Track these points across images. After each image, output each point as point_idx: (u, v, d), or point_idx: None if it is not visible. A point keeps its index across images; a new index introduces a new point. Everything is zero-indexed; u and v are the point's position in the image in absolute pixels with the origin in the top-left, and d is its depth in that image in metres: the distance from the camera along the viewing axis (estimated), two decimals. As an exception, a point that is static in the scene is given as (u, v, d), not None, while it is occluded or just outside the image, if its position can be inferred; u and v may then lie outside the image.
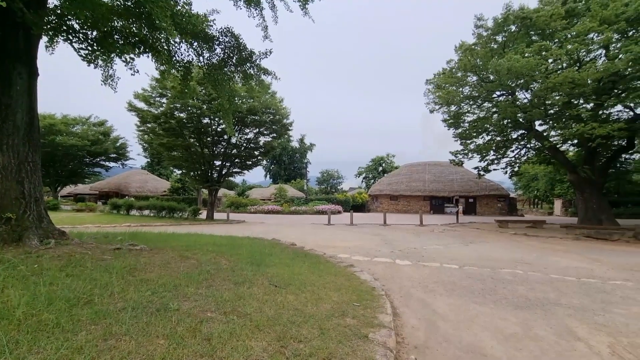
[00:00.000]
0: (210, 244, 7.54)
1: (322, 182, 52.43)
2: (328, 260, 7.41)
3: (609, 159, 17.83)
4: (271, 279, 5.07)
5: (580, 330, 4.04)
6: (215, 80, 7.08)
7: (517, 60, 13.44)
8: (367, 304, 4.43)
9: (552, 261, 8.62)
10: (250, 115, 18.24)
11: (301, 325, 3.45)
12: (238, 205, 30.85)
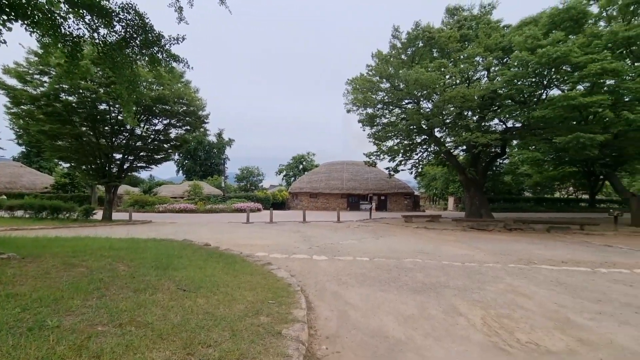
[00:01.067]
0: (106, 248, 6.59)
1: (242, 179, 50.67)
2: (245, 259, 7.20)
3: (488, 163, 21.49)
4: (179, 283, 4.69)
5: (462, 307, 4.74)
6: (114, 62, 6.19)
7: (422, 74, 15.16)
8: (282, 300, 4.44)
9: (445, 250, 9.96)
10: (159, 105, 16.48)
11: (211, 329, 3.27)
12: (144, 204, 27.73)
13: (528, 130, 16.52)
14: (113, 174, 18.18)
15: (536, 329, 4.01)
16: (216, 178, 44.45)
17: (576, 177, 30.52)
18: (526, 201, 32.29)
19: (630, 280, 6.37)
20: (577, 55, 12.55)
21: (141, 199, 28.39)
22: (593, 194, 30.83)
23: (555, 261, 8.23)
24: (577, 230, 14.73)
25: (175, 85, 16.99)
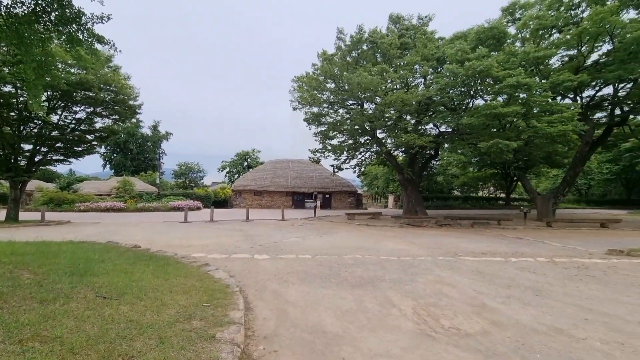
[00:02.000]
0: (5, 254, 5.66)
1: (180, 175, 47.26)
2: (179, 261, 6.75)
3: (424, 164, 23.17)
4: (99, 290, 4.22)
5: (395, 299, 5.02)
6: (22, 38, 5.31)
7: (365, 77, 15.73)
8: (218, 302, 4.25)
9: (384, 245, 10.48)
10: (81, 90, 14.62)
11: (135, 338, 2.99)
12: (60, 202, 24.44)
13: (457, 135, 18.15)
14: (20, 168, 15.67)
15: (458, 315, 4.40)
16: (151, 174, 40.97)
17: (495, 178, 34.53)
18: (455, 199, 35.59)
19: (533, 267, 7.36)
20: (497, 70, 14.13)
21: (57, 197, 24.95)
22: (509, 193, 35.16)
23: (477, 253, 9.17)
24: (495, 225, 16.65)
25: (102, 70, 15.23)
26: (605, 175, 36.72)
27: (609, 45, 16.19)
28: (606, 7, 14.54)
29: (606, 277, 6.53)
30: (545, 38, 18.21)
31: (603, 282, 6.14)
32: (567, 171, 20.30)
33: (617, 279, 6.38)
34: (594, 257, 8.65)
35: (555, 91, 16.57)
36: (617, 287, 5.81)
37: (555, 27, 17.17)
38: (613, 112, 19.23)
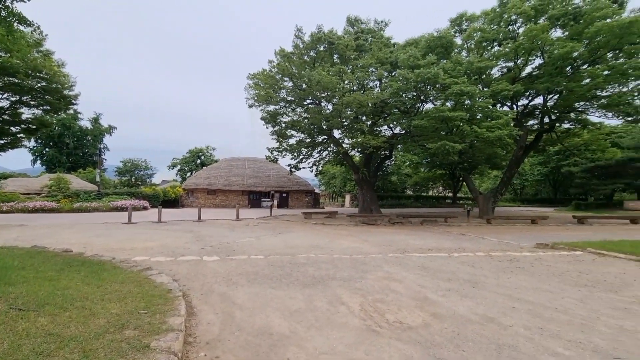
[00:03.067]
0: None
1: (125, 173, 43.57)
2: (117, 266, 6.23)
3: (379, 164, 23.96)
4: (15, 301, 3.74)
5: (344, 296, 5.09)
6: None
7: (325, 76, 15.85)
8: (157, 309, 3.97)
9: (338, 244, 10.63)
10: (3, 76, 12.91)
11: (53, 353, 2.69)
12: (-22, 201, 21.45)
13: (409, 137, 19.04)
14: None
15: (402, 309, 4.58)
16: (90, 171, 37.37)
17: (444, 178, 36.81)
18: (408, 198, 37.32)
19: (473, 261, 7.93)
20: (444, 77, 15.05)
21: (-26, 196, 21.82)
22: (455, 192, 37.72)
23: (424, 249, 9.67)
24: (443, 223, 17.72)
25: (31, 55, 13.58)
26: (537, 177, 40.90)
27: (540, 59, 17.99)
28: (538, 25, 16.14)
29: (533, 268, 7.24)
30: (488, 50, 19.75)
31: (530, 273, 6.79)
32: (505, 172, 22.26)
33: (542, 270, 7.10)
34: (524, 251, 9.55)
35: (495, 99, 18.06)
36: (541, 277, 6.46)
37: (496, 40, 18.70)
38: (543, 120, 21.47)
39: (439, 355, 3.31)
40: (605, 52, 16.36)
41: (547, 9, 17.02)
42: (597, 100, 18.45)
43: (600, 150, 26.83)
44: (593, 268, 7.27)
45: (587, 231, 14.47)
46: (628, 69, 15.54)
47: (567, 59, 16.22)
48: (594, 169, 29.34)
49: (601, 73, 15.85)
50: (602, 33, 14.97)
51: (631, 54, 15.81)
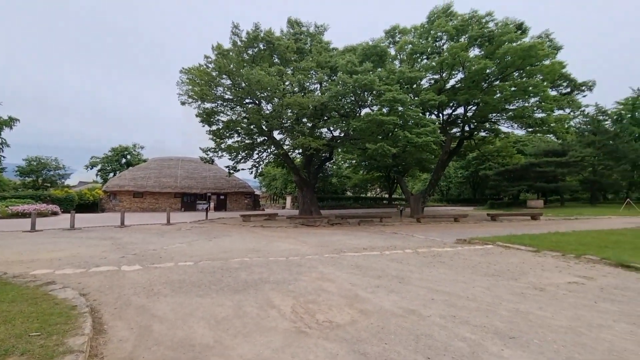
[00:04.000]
0: None
1: (29, 173, 37.26)
2: (8, 282, 5.30)
3: (319, 166, 24.33)
4: None
5: (276, 300, 5.00)
6: None
7: (264, 76, 15.58)
8: (54, 329, 3.45)
9: (276, 246, 10.48)
10: None
11: None
12: None
13: (348, 140, 19.70)
14: None
15: (333, 308, 4.65)
16: (-16, 171, 31.54)
17: (381, 180, 38.89)
18: (347, 199, 38.61)
19: (401, 258, 8.44)
20: (379, 85, 15.90)
21: None
22: (391, 193, 40.09)
23: (359, 248, 10.02)
24: (378, 222, 18.64)
25: None
26: (459, 179, 45.51)
27: (462, 74, 20.06)
28: (459, 43, 17.99)
29: (452, 262, 7.96)
30: (418, 62, 21.41)
31: (449, 266, 7.45)
32: (432, 175, 24.30)
33: (459, 263, 7.84)
34: (446, 246, 10.47)
35: (424, 107, 19.63)
36: (458, 269, 7.13)
37: (424, 53, 20.36)
38: (464, 128, 23.94)
39: (362, 350, 3.41)
40: (512, 71, 18.86)
41: (467, 30, 19.06)
42: (506, 113, 21.16)
43: (509, 156, 30.88)
44: (500, 259, 8.26)
45: (498, 227, 16.44)
46: (528, 86, 18.13)
47: (482, 74, 18.34)
48: (504, 173, 33.63)
49: (509, 89, 18.25)
50: (509, 54, 17.23)
51: (531, 74, 18.49)
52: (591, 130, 33.02)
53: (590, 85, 21.08)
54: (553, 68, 17.99)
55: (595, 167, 32.27)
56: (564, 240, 10.61)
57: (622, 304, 4.90)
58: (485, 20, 19.00)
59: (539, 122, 20.13)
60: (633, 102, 34.54)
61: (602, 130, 32.47)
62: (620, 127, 32.94)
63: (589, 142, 31.95)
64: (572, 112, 22.61)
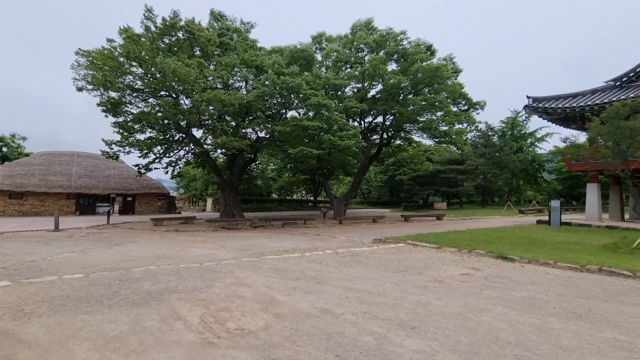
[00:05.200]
0: None
1: None
2: None
3: (243, 167, 23.50)
4: None
5: (183, 310, 4.55)
6: None
7: (182, 67, 14.37)
8: None
9: (190, 252, 9.68)
10: None
11: None
12: None
13: (273, 142, 19.48)
14: None
15: (246, 314, 4.42)
16: None
17: (306, 183, 39.45)
18: (272, 202, 38.18)
19: (321, 259, 8.58)
20: (306, 89, 16.12)
21: None
22: (316, 195, 40.96)
23: (280, 251, 9.89)
24: (302, 225, 18.78)
25: None
26: (379, 183, 48.96)
27: (381, 85, 21.60)
28: (378, 56, 19.37)
29: (367, 260, 8.39)
30: (342, 70, 22.38)
31: (364, 264, 7.84)
32: (355, 179, 25.59)
33: (374, 261, 8.31)
34: (364, 246, 11.03)
35: (347, 114, 20.57)
36: (372, 267, 7.54)
37: (348, 62, 21.37)
38: (383, 136, 25.79)
39: (273, 355, 3.28)
40: (422, 87, 21.04)
41: (385, 45, 20.64)
42: (417, 124, 23.48)
43: (420, 163, 34.38)
44: (409, 256, 9.01)
45: (409, 227, 18.06)
46: (436, 102, 20.44)
47: (398, 88, 20.04)
48: (416, 178, 37.31)
49: (420, 103, 20.31)
50: (420, 72, 19.19)
51: (438, 91, 20.89)
52: (483, 143, 38.88)
53: (482, 105, 24.73)
54: (454, 87, 20.62)
55: (486, 174, 38.01)
56: (460, 237, 12.14)
57: (500, 290, 5.75)
58: (400, 38, 20.82)
59: (443, 133, 22.83)
60: (512, 122, 41.87)
61: (490, 143, 38.52)
62: (503, 141, 39.53)
63: (481, 153, 37.57)
64: (468, 126, 26.19)
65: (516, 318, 4.38)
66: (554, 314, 4.55)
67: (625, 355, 3.38)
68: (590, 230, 15.09)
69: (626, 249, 9.12)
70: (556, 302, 5.08)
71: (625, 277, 6.67)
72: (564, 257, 8.22)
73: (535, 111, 20.74)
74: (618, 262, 7.66)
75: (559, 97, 20.26)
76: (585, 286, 6.04)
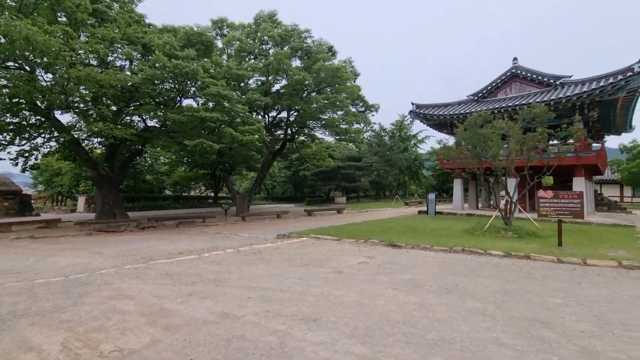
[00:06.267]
0: None
1: None
2: None
3: (127, 160, 20.36)
4: None
5: (37, 338, 3.59)
6: None
7: (38, 34, 11.40)
8: None
9: (52, 263, 7.84)
10: None
11: None
12: None
13: (166, 132, 17.40)
14: None
15: (127, 332, 3.75)
16: None
17: (206, 178, 36.86)
18: (166, 199, 34.35)
19: (222, 259, 8.05)
20: (204, 76, 14.87)
21: None
22: (217, 192, 38.66)
23: (174, 253, 8.89)
24: (201, 223, 17.41)
25: None
26: (283, 178, 49.31)
27: (286, 81, 21.58)
28: (283, 51, 19.28)
29: (271, 257, 8.26)
30: (246, 60, 21.53)
31: (267, 261, 7.68)
32: (258, 174, 25.08)
33: (277, 257, 8.23)
34: (267, 242, 10.85)
35: (251, 107, 19.90)
36: (276, 264, 7.44)
37: (252, 53, 20.67)
38: (287, 131, 25.93)
39: (160, 377, 2.84)
40: (325, 86, 21.89)
41: (290, 41, 20.71)
42: (320, 121, 24.42)
43: (322, 159, 35.93)
44: (312, 250, 9.25)
45: (312, 221, 18.66)
46: (337, 101, 21.56)
47: (302, 84, 20.38)
48: (319, 174, 38.93)
49: (322, 101, 21.12)
50: (323, 71, 19.93)
51: (339, 91, 22.07)
52: (377, 142, 43.08)
53: (377, 108, 27.24)
54: (353, 89, 22.14)
55: (379, 171, 42.25)
56: (357, 229, 13.13)
57: (390, 274, 6.37)
58: (304, 35, 21.21)
59: (343, 131, 24.35)
60: (399, 124, 47.61)
61: (383, 143, 42.98)
62: (393, 142, 44.61)
63: (375, 151, 41.60)
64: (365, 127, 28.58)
65: (403, 299, 4.89)
66: (431, 291, 5.25)
67: (480, 319, 4.12)
68: (456, 217, 18.31)
69: (480, 232, 11.34)
70: (433, 280, 5.90)
71: (479, 254, 8.25)
72: (438, 241, 9.70)
73: (417, 116, 24.01)
74: (475, 242, 9.44)
75: (436, 105, 23.92)
76: (453, 265, 7.22)
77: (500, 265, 7.16)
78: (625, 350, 3.32)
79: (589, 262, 7.26)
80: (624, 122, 21.72)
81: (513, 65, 21.47)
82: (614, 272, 6.58)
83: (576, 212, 9.53)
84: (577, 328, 3.85)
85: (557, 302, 4.74)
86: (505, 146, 13.36)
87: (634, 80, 15.25)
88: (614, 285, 5.65)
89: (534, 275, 6.28)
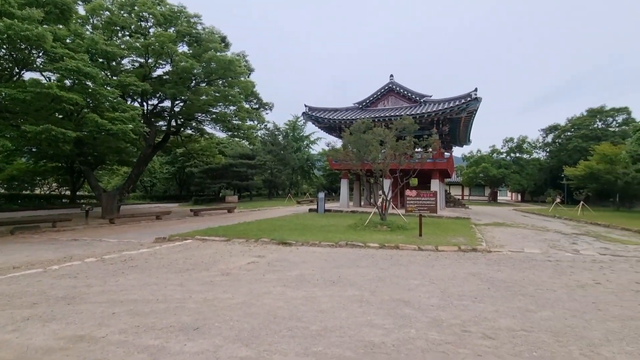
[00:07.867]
0: None
1: None
2: None
3: None
4: None
5: None
6: None
7: None
8: None
9: None
10: None
11: None
12: None
13: (-3, 112, 13.31)
14: None
15: None
16: None
17: (59, 173, 29.95)
18: (-3, 199, 26.37)
19: (78, 271, 6.61)
20: (56, 45, 12.00)
21: None
22: (75, 190, 31.85)
23: (4, 269, 6.86)
24: (49, 228, 13.99)
25: None
26: (166, 175, 44.28)
27: (170, 66, 19.34)
28: (167, 33, 17.22)
29: (146, 264, 7.24)
30: (119, 36, 18.40)
31: (141, 269, 6.70)
32: (133, 169, 21.78)
33: (154, 263, 7.27)
34: (142, 247, 9.49)
35: (124, 92, 17.10)
36: (152, 271, 6.55)
37: (126, 28, 17.79)
38: (170, 123, 23.33)
39: None
40: (216, 78, 20.56)
41: (176, 23, 18.68)
42: (210, 115, 22.86)
43: (212, 155, 33.79)
44: (196, 253, 8.53)
45: (199, 222, 17.30)
46: (229, 95, 20.54)
47: (190, 73, 18.68)
48: (208, 171, 36.42)
49: (213, 94, 19.80)
50: (214, 62, 18.68)
51: (231, 85, 21.08)
52: (270, 141, 43.09)
53: (271, 106, 27.20)
54: (247, 84, 21.49)
55: (272, 169, 42.34)
56: (248, 228, 12.81)
57: (280, 272, 6.41)
58: (194, 20, 19.50)
59: (236, 127, 23.40)
60: (293, 125, 48.86)
61: (277, 142, 43.28)
62: (287, 141, 45.41)
63: (269, 150, 41.55)
64: (259, 124, 28.16)
65: (290, 294, 4.97)
66: (317, 285, 5.51)
67: (358, 305, 4.53)
68: (342, 215, 19.89)
69: (361, 227, 12.59)
70: (319, 274, 6.21)
71: (360, 247, 9.14)
72: (326, 237, 10.31)
73: (310, 118, 25.08)
74: (357, 237, 10.42)
75: (327, 109, 25.46)
76: (338, 258, 7.78)
77: (376, 255, 8.09)
78: (460, 316, 4.17)
79: (439, 248, 8.91)
80: (465, 137, 27.79)
81: (390, 81, 24.68)
82: (456, 255, 8.26)
83: (432, 208, 11.60)
84: (429, 303, 4.64)
85: (416, 283, 5.63)
86: (383, 151, 15.21)
87: (472, 104, 19.59)
88: (455, 266, 7.07)
89: (401, 262, 7.32)
